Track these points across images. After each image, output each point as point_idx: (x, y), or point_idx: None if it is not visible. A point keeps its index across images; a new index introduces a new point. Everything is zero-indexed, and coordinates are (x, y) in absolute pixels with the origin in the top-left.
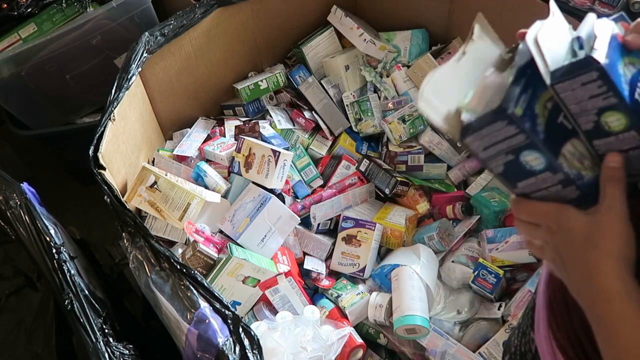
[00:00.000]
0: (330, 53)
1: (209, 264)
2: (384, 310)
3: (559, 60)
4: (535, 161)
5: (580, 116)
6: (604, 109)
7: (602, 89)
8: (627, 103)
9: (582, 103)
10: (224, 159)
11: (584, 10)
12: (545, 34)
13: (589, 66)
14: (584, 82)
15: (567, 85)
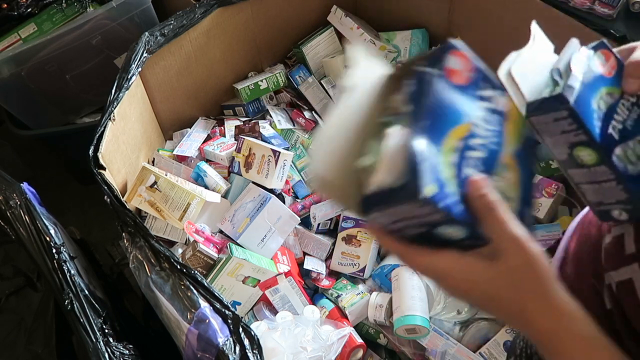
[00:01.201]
0: (330, 53)
1: (209, 264)
2: (384, 310)
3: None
4: (454, 233)
5: (555, 147)
6: (575, 144)
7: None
8: (596, 141)
9: (555, 137)
10: (224, 159)
11: (584, 10)
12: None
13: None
14: (556, 118)
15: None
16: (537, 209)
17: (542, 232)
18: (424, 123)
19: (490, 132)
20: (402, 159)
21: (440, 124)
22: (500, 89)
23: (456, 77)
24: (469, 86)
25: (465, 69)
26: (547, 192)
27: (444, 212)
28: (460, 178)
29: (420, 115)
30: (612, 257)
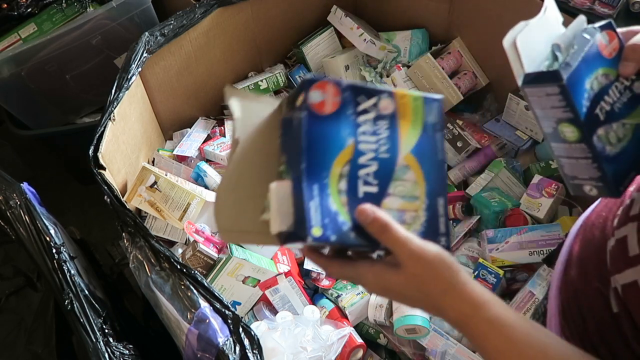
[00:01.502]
0: (330, 53)
1: (209, 264)
2: (384, 310)
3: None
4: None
5: (543, 120)
6: (561, 120)
7: (562, 103)
8: (581, 120)
9: (545, 110)
10: (224, 159)
11: (583, 11)
12: (526, 36)
13: (554, 80)
14: (548, 93)
15: (534, 91)
16: (537, 208)
17: (542, 232)
18: (302, 166)
19: (379, 142)
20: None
21: (320, 159)
22: (378, 93)
23: (324, 107)
24: (341, 109)
25: (330, 96)
26: (547, 192)
27: (339, 243)
28: (356, 201)
29: (295, 161)
30: (616, 260)
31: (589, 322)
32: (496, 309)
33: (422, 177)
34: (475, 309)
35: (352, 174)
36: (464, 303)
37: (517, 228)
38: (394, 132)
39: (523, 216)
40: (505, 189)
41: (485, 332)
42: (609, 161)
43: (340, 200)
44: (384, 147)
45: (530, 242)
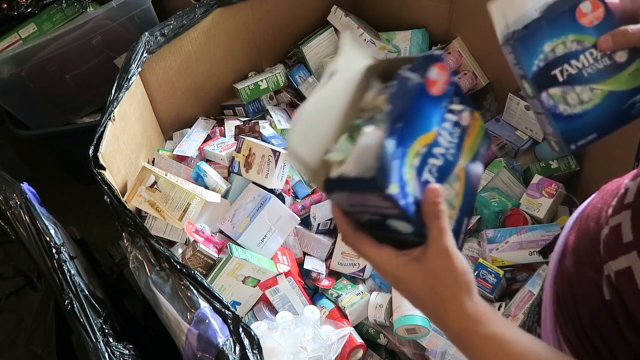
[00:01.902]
0: (330, 53)
1: (209, 264)
2: (384, 310)
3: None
4: (403, 228)
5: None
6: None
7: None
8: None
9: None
10: (224, 159)
11: None
12: None
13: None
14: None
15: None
16: (536, 208)
17: (542, 232)
18: (398, 125)
19: (450, 144)
20: (374, 155)
21: (412, 129)
22: (467, 104)
23: (434, 87)
24: (442, 97)
25: (442, 81)
26: (547, 192)
27: (401, 209)
28: (418, 181)
29: (396, 118)
30: (610, 248)
31: (581, 311)
32: (497, 325)
33: (462, 193)
34: (477, 324)
35: (424, 158)
36: (468, 318)
37: (517, 228)
38: (461, 143)
39: (523, 216)
40: (505, 189)
41: (484, 348)
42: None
43: (411, 174)
44: (451, 151)
45: (530, 242)
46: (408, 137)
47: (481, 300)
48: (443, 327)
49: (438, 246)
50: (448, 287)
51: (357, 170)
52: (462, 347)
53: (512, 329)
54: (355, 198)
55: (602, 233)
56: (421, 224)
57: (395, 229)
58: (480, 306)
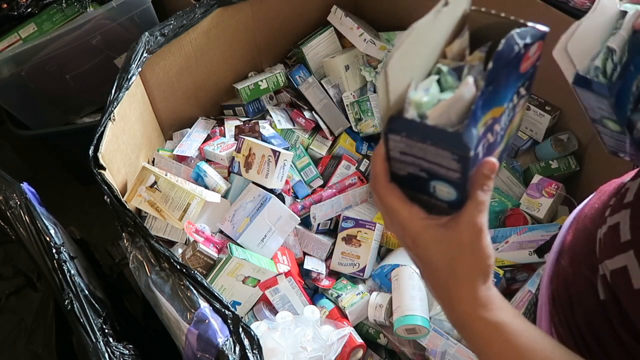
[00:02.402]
0: (330, 53)
1: (209, 264)
2: (384, 310)
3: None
4: (445, 193)
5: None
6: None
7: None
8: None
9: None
10: (224, 159)
11: (584, 10)
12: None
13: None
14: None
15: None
16: (536, 208)
17: (542, 232)
18: (490, 88)
19: (504, 125)
20: (463, 111)
21: (494, 97)
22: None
23: (525, 63)
24: (522, 76)
25: (532, 61)
26: (547, 192)
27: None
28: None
29: (492, 80)
30: (607, 247)
31: (577, 310)
32: (505, 315)
33: None
34: (485, 310)
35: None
36: (477, 302)
37: (517, 228)
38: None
39: (523, 216)
40: (505, 188)
41: (489, 336)
42: None
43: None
44: (501, 133)
45: (530, 242)
46: (488, 104)
47: (494, 288)
48: (448, 306)
49: (472, 218)
50: (467, 264)
51: (441, 120)
52: (464, 331)
53: (520, 320)
54: (417, 147)
55: (599, 232)
56: (466, 195)
57: (434, 192)
58: (492, 292)
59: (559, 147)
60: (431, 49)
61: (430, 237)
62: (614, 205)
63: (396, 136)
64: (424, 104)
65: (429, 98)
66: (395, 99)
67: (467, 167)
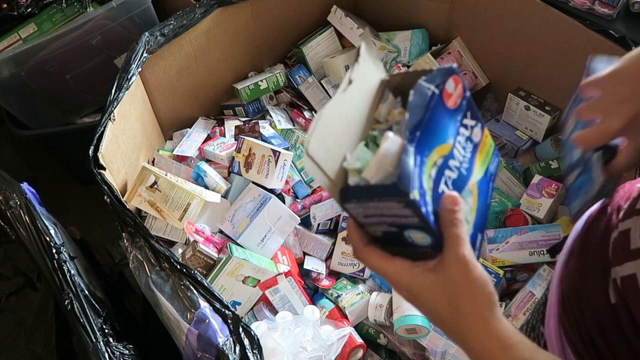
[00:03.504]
0: (330, 53)
1: (209, 264)
2: (384, 310)
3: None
4: (420, 239)
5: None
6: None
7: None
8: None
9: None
10: (224, 159)
11: (583, 10)
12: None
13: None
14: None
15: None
16: (537, 209)
17: (542, 232)
18: (417, 133)
19: (464, 158)
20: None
21: (430, 138)
22: (478, 120)
23: (449, 100)
24: (457, 111)
25: (457, 95)
26: (547, 192)
27: (422, 217)
28: (435, 193)
29: (415, 126)
30: (618, 252)
31: (586, 312)
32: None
33: (476, 208)
34: (503, 350)
35: (441, 169)
36: (492, 340)
37: (517, 228)
38: (473, 158)
39: (523, 216)
40: (505, 189)
41: None
42: None
43: (428, 185)
44: (465, 165)
45: (530, 242)
46: (426, 146)
47: (508, 324)
48: (464, 346)
49: (455, 254)
50: (467, 299)
51: (378, 177)
52: None
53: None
54: (373, 207)
55: (612, 236)
56: (440, 235)
57: (412, 241)
58: (504, 325)
59: (559, 147)
60: (355, 123)
61: (422, 283)
62: (626, 210)
63: (350, 204)
64: (358, 169)
65: (362, 162)
66: (335, 176)
67: (418, 210)
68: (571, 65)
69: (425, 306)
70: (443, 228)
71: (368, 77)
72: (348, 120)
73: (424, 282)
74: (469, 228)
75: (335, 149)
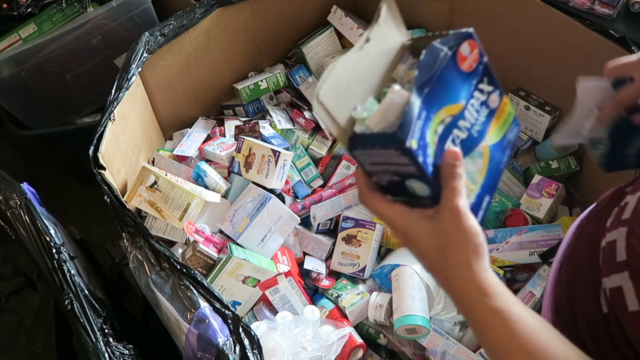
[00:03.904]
0: (330, 53)
1: (209, 264)
2: (384, 310)
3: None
4: (420, 189)
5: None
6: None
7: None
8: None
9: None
10: (224, 159)
11: (583, 10)
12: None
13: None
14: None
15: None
16: (537, 209)
17: (542, 232)
18: (425, 90)
19: (476, 121)
20: (398, 112)
21: (438, 97)
22: (497, 88)
23: (464, 63)
24: (472, 74)
25: (473, 59)
26: (547, 192)
27: (419, 167)
28: (441, 148)
29: (424, 83)
30: (605, 263)
31: (579, 320)
32: (505, 301)
33: (485, 170)
34: (485, 296)
35: (449, 127)
36: (475, 287)
37: (517, 228)
38: (487, 123)
39: (523, 216)
40: (505, 189)
41: (489, 321)
42: None
43: (432, 139)
44: (477, 128)
45: (530, 243)
46: (434, 104)
47: (493, 275)
48: (449, 290)
49: (450, 205)
50: (456, 248)
51: (380, 126)
52: (465, 314)
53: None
54: (376, 155)
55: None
56: (438, 187)
57: (413, 191)
58: (488, 275)
59: (559, 147)
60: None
61: (416, 229)
62: (613, 218)
63: (357, 151)
64: (364, 118)
65: (369, 113)
66: (346, 124)
67: (415, 159)
68: (571, 65)
69: (417, 250)
70: (442, 180)
71: (388, 38)
72: (362, 75)
73: (419, 228)
74: (476, 187)
75: (346, 99)
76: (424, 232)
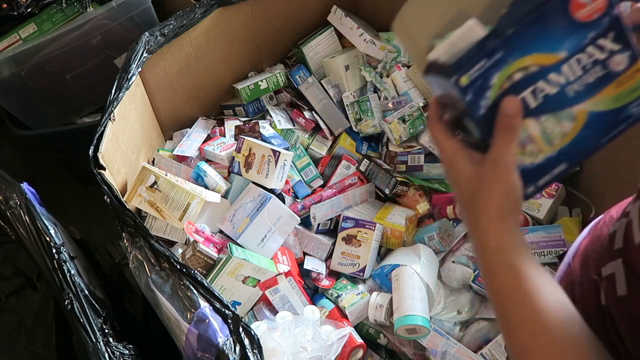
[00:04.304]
0: (330, 53)
1: (209, 264)
2: (384, 310)
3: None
4: (473, 129)
5: None
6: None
7: None
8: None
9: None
10: (224, 159)
11: None
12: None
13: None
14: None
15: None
16: (537, 209)
17: (543, 233)
18: (510, 30)
19: (578, 79)
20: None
21: (526, 41)
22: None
23: (580, 10)
24: (588, 26)
25: (594, 8)
26: (547, 192)
27: (466, 105)
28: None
29: (510, 23)
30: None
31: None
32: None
33: (573, 137)
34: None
35: (531, 78)
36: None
37: None
38: (598, 87)
39: (523, 217)
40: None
41: (501, 273)
42: None
43: (502, 84)
44: (576, 87)
45: (530, 243)
46: (518, 47)
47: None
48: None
49: (494, 155)
50: (486, 197)
51: (445, 57)
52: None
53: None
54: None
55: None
56: (488, 133)
57: (469, 130)
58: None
59: None
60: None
61: (460, 166)
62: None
63: (428, 77)
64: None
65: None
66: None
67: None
68: None
69: (456, 186)
70: (496, 129)
71: None
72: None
73: (462, 166)
74: (550, 149)
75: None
76: (465, 173)
